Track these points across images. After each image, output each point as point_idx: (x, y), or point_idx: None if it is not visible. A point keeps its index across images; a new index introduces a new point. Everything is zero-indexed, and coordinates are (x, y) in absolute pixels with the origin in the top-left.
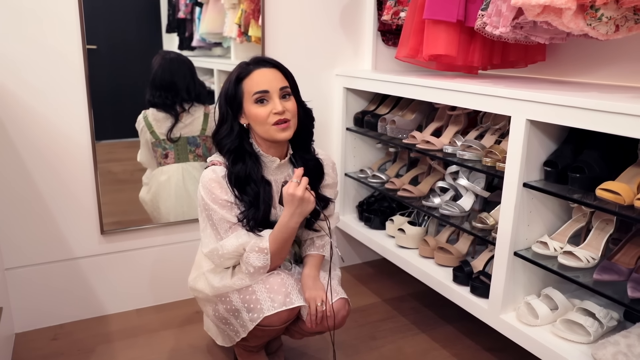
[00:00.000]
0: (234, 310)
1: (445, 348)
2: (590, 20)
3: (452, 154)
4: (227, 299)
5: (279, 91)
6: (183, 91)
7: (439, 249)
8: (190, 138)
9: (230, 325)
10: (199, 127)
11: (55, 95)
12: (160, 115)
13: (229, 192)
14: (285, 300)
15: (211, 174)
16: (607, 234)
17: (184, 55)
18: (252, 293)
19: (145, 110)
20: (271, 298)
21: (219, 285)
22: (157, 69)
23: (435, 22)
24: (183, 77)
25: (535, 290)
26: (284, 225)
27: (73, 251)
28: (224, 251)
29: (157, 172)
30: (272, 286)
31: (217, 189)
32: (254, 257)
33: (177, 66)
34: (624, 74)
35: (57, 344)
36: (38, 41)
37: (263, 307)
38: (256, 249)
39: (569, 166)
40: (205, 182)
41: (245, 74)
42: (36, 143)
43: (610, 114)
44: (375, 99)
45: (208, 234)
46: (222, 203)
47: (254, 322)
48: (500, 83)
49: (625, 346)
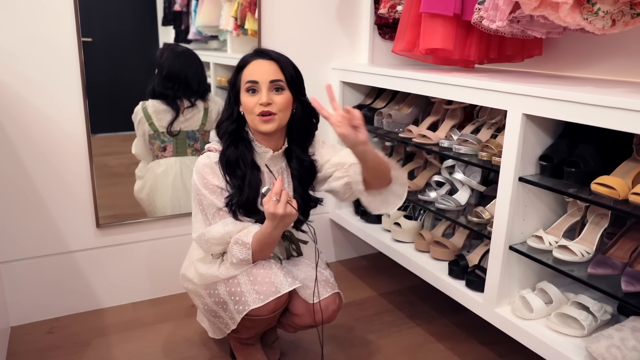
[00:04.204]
0: (221, 303)
1: (440, 341)
2: (587, 14)
3: (448, 148)
4: (214, 291)
5: (269, 83)
6: (195, 84)
7: (434, 242)
8: (189, 132)
9: (220, 317)
10: (198, 122)
11: (50, 88)
12: (161, 108)
13: (220, 178)
14: (270, 290)
15: (205, 160)
16: (602, 228)
17: (192, 49)
18: (237, 285)
19: (144, 102)
20: (256, 290)
21: (205, 273)
22: (166, 61)
23: (432, 15)
24: (195, 70)
25: (530, 284)
26: (268, 234)
27: (68, 244)
28: (210, 236)
29: (153, 164)
30: (255, 278)
31: (209, 174)
32: (237, 250)
33: (189, 60)
34: (620, 69)
35: (53, 338)
36: (33, 33)
37: (248, 299)
38: (239, 242)
39: (564, 160)
40: (198, 167)
41: (244, 64)
42: (31, 136)
43: (605, 109)
44: (371, 92)
45: (199, 219)
46: (213, 188)
47: (240, 314)
48: (497, 77)
49: (618, 339)
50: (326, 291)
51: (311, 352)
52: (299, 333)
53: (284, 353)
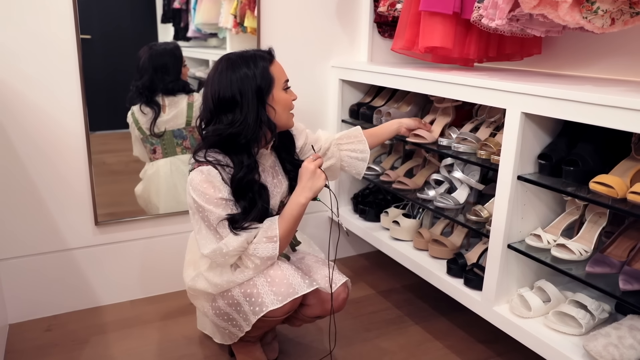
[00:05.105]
0: (235, 304)
1: (438, 340)
2: (586, 13)
3: (447, 147)
4: (227, 293)
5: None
6: (171, 77)
7: (433, 241)
8: (175, 131)
9: (233, 320)
10: (183, 119)
11: (48, 85)
12: (145, 110)
13: (222, 189)
14: (288, 292)
15: (200, 176)
16: (600, 227)
17: (172, 44)
18: (254, 286)
19: (132, 107)
20: (274, 292)
21: (220, 281)
22: (142, 61)
23: (431, 14)
24: (172, 63)
25: (529, 282)
26: (294, 202)
27: (67, 242)
28: (229, 249)
29: (147, 167)
30: (273, 279)
31: (209, 189)
32: (263, 248)
33: (166, 55)
34: (619, 68)
35: (51, 335)
36: (31, 30)
37: (265, 300)
38: (264, 239)
39: (563, 159)
40: (195, 185)
41: (269, 62)
42: (30, 133)
43: (604, 108)
44: (371, 91)
45: (204, 235)
46: (217, 202)
47: (256, 315)
48: (496, 76)
49: (616, 338)
50: (337, 279)
51: (310, 349)
52: (299, 330)
53: (282, 351)
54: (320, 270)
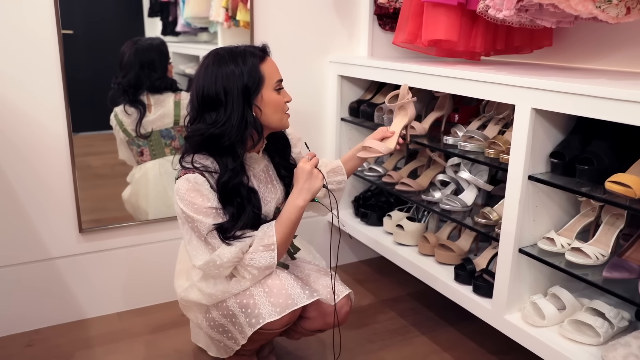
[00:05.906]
0: (230, 316)
1: (446, 351)
2: (600, 2)
3: (453, 146)
4: (222, 304)
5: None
6: (157, 74)
7: (439, 246)
8: (163, 131)
9: (228, 332)
10: (171, 119)
11: (28, 84)
12: (129, 110)
13: (211, 197)
14: (287, 303)
15: (186, 184)
16: (618, 229)
17: (157, 39)
18: (250, 297)
19: (115, 108)
20: (271, 302)
21: (215, 292)
22: (126, 57)
23: (435, 4)
24: (159, 60)
25: (542, 289)
26: (292, 205)
27: (49, 251)
28: (223, 260)
29: (134, 170)
30: (270, 289)
31: (197, 198)
32: (260, 257)
33: (152, 51)
34: (635, 60)
35: (33, 351)
36: (9, 24)
37: (262, 312)
38: (261, 248)
39: (576, 157)
40: (182, 194)
41: (260, 59)
42: (8, 135)
43: (620, 102)
44: (371, 87)
45: (195, 245)
46: (207, 211)
47: (252, 327)
48: (504, 70)
49: (636, 348)
50: (339, 291)
51: None
52: (298, 343)
53: None
54: (321, 280)
